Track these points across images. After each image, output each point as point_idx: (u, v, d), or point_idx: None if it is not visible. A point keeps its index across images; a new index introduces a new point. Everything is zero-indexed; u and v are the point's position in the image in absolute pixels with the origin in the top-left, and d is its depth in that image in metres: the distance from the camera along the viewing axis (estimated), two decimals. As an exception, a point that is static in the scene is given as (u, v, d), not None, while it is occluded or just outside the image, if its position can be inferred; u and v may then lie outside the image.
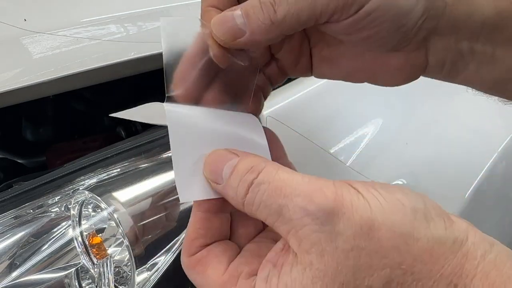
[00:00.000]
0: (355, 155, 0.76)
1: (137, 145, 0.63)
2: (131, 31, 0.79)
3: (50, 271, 0.55)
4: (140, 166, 0.60)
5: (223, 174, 0.33)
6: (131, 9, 0.82)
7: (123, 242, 0.54)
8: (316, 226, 0.29)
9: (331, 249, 0.29)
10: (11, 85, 0.63)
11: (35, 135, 0.98)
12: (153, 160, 0.60)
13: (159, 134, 0.64)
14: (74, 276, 0.56)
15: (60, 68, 0.67)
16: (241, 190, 0.32)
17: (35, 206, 0.58)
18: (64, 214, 0.58)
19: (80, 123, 1.00)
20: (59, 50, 0.71)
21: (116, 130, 0.90)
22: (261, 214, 0.32)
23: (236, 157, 0.34)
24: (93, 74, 0.69)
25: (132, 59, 0.70)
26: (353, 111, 0.82)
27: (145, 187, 0.57)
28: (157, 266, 0.54)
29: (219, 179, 0.34)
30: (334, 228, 0.29)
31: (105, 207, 0.54)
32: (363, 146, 0.78)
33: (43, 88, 0.66)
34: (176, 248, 0.55)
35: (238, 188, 0.32)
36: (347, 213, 0.29)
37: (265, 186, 0.31)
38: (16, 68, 0.69)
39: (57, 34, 0.73)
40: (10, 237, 0.56)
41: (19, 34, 0.72)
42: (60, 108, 0.96)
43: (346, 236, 0.29)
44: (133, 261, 0.52)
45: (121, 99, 0.97)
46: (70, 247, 0.56)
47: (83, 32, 0.74)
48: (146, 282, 0.54)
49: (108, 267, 0.54)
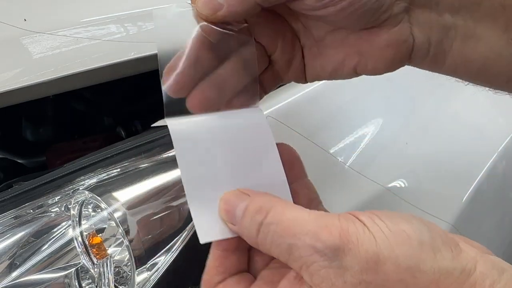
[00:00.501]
0: (355, 155, 0.76)
1: (137, 145, 0.63)
2: (131, 31, 0.79)
3: (50, 271, 0.55)
4: (140, 166, 0.60)
5: (237, 216, 0.35)
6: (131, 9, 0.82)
7: (123, 242, 0.54)
8: (325, 262, 0.31)
9: (340, 283, 0.30)
10: (11, 85, 0.64)
11: (35, 135, 0.98)
12: (153, 160, 0.60)
13: (159, 134, 0.64)
14: (74, 276, 0.56)
15: (60, 68, 0.67)
16: (253, 230, 0.34)
17: (35, 206, 0.58)
18: (64, 214, 0.58)
19: (80, 123, 1.00)
20: (59, 50, 0.71)
21: (116, 130, 0.91)
22: (273, 252, 0.33)
23: (248, 197, 0.35)
24: (93, 74, 0.69)
25: (132, 59, 0.70)
26: (353, 111, 0.82)
27: (145, 187, 0.57)
28: (157, 266, 0.54)
29: (234, 220, 0.35)
30: (341, 264, 0.30)
31: (105, 207, 0.54)
32: (363, 146, 0.78)
33: (43, 88, 0.66)
34: (176, 248, 0.55)
35: (250, 229, 0.34)
36: (353, 249, 0.30)
37: (273, 226, 0.33)
38: (16, 68, 0.69)
39: (57, 34, 0.73)
40: (10, 237, 0.56)
41: (19, 34, 0.72)
42: (60, 108, 0.96)
43: (354, 271, 0.30)
44: (133, 261, 0.52)
45: (121, 99, 0.97)
46: (70, 247, 0.56)
47: (83, 32, 0.74)
48: (146, 282, 0.54)
49: (108, 267, 0.54)
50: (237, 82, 0.40)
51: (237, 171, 0.38)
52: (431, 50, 0.41)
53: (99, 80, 0.73)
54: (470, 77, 0.43)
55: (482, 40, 0.40)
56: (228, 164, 0.38)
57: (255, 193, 0.35)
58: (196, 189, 0.37)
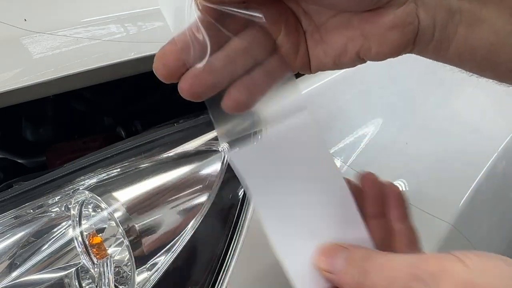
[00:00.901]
0: (355, 155, 0.76)
1: (137, 145, 0.63)
2: (131, 31, 0.79)
3: (50, 271, 0.55)
4: (140, 166, 0.60)
5: (338, 265, 0.39)
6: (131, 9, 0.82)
7: (123, 242, 0.54)
8: (423, 287, 0.34)
9: None
10: (11, 85, 0.63)
11: (35, 135, 0.98)
12: (153, 160, 0.60)
13: (159, 134, 0.64)
14: (74, 276, 0.56)
15: (60, 68, 0.67)
16: (356, 275, 0.38)
17: (35, 206, 0.58)
18: (64, 214, 0.58)
19: (80, 123, 1.00)
20: (59, 50, 0.71)
21: (116, 130, 0.91)
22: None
23: (346, 249, 0.40)
24: (93, 74, 0.69)
25: (132, 59, 0.70)
26: (353, 111, 0.82)
27: (145, 187, 0.57)
28: (157, 266, 0.54)
29: (333, 269, 0.39)
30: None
31: (105, 207, 0.54)
32: (363, 146, 0.78)
33: (43, 88, 0.66)
34: (176, 248, 0.55)
35: (353, 274, 0.38)
36: (449, 275, 0.33)
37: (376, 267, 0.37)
38: (16, 68, 0.69)
39: (57, 34, 0.73)
40: (10, 237, 0.56)
41: (19, 34, 0.72)
42: (60, 108, 0.96)
43: None
44: (133, 261, 0.52)
45: (121, 99, 0.97)
46: (70, 247, 0.56)
47: (83, 32, 0.74)
48: (146, 282, 0.54)
49: (108, 267, 0.54)
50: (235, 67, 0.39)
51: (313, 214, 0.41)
52: (436, 34, 0.40)
53: (99, 80, 0.73)
54: (474, 65, 0.43)
55: (488, 24, 0.40)
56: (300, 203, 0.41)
57: (352, 245, 0.40)
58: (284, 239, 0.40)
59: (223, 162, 0.61)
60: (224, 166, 0.61)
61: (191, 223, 0.56)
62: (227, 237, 0.59)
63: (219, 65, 0.38)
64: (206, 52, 0.37)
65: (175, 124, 0.66)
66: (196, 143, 0.62)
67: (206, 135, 0.63)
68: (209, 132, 0.63)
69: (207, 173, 0.60)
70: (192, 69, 0.38)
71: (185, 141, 0.62)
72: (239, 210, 0.60)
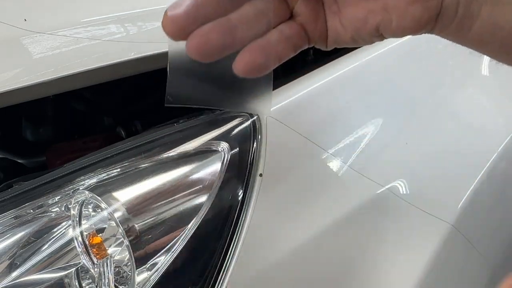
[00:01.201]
0: (355, 155, 0.76)
1: (137, 145, 0.63)
2: (131, 31, 0.79)
3: (50, 271, 0.55)
4: (140, 166, 0.60)
5: None
6: (131, 9, 0.82)
7: (123, 242, 0.54)
8: None
9: None
10: (11, 85, 0.63)
11: (35, 135, 0.98)
12: (153, 160, 0.60)
13: (159, 134, 0.64)
14: (74, 276, 0.56)
15: (60, 68, 0.67)
16: None
17: (35, 206, 0.58)
18: (64, 214, 0.58)
19: (80, 123, 1.00)
20: (59, 50, 0.71)
21: (116, 130, 0.90)
22: None
23: None
24: (93, 74, 0.69)
25: (132, 59, 0.70)
26: (353, 111, 0.82)
27: (145, 187, 0.57)
28: (157, 266, 0.54)
29: None
30: None
31: (105, 207, 0.54)
32: (363, 146, 0.78)
33: (43, 88, 0.66)
34: (176, 248, 0.55)
35: None
36: None
37: None
38: (16, 68, 0.69)
39: (57, 34, 0.73)
40: (10, 237, 0.56)
41: (19, 34, 0.72)
42: (60, 108, 0.96)
43: None
44: (133, 261, 0.52)
45: (121, 99, 0.97)
46: (70, 247, 0.56)
47: (83, 32, 0.74)
48: (146, 282, 0.54)
49: (108, 267, 0.54)
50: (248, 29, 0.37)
51: None
52: (459, 11, 0.39)
53: (99, 80, 0.73)
54: (495, 48, 0.42)
55: None
56: None
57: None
58: None
59: (223, 162, 0.61)
60: (224, 166, 0.61)
61: (191, 223, 0.56)
62: (227, 237, 0.59)
63: (231, 25, 0.36)
64: (219, 11, 0.36)
65: (175, 124, 0.66)
66: (196, 143, 0.62)
67: (206, 135, 0.63)
68: (209, 132, 0.63)
69: (207, 173, 0.60)
70: (203, 27, 0.36)
71: (185, 141, 0.62)
72: (239, 210, 0.60)
